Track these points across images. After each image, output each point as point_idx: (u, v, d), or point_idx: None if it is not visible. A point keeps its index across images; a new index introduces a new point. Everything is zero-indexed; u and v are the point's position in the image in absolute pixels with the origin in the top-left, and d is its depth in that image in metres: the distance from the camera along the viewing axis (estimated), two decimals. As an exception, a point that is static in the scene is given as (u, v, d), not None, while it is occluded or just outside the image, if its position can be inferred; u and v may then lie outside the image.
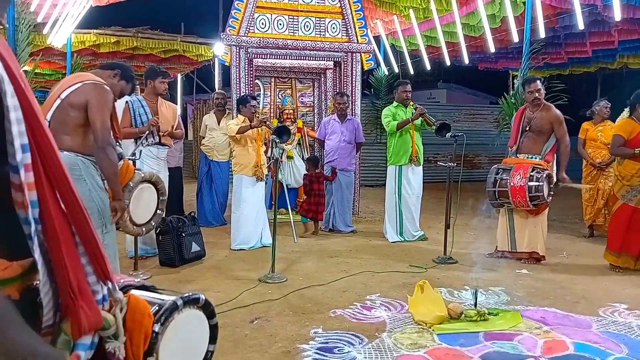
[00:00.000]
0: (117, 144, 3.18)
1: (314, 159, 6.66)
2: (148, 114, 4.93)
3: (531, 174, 4.84)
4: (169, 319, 1.17)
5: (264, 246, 5.56)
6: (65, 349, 0.96)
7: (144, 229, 3.58)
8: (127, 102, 5.01)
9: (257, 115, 5.59)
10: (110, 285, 1.07)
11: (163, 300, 1.20)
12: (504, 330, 3.31)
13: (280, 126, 5.21)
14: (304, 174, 6.51)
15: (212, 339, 1.36)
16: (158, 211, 3.64)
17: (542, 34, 7.71)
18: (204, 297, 1.29)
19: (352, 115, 7.01)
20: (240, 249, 5.49)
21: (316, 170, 6.45)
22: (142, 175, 3.41)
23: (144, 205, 3.52)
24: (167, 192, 3.74)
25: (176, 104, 6.20)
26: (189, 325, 1.25)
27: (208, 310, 1.31)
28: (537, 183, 4.80)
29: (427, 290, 3.64)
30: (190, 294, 1.26)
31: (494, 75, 14.48)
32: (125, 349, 1.08)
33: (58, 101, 2.96)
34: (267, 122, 5.51)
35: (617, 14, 6.84)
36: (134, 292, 1.17)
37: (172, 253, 4.80)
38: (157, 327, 1.14)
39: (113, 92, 3.18)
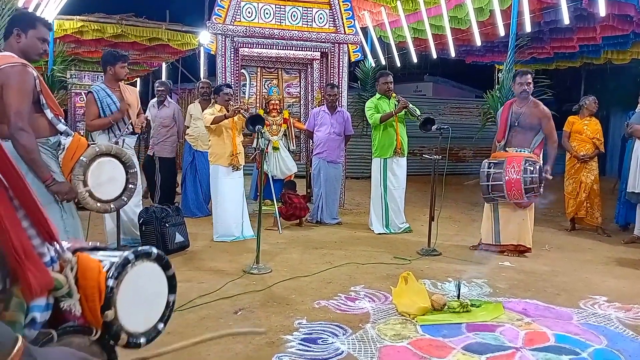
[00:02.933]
0: (59, 120, 2.94)
1: (292, 185, 6.49)
2: (116, 103, 4.64)
3: (525, 166, 4.86)
4: (122, 273, 1.20)
5: (246, 238, 5.52)
6: (19, 312, 0.98)
7: (112, 205, 3.26)
8: (90, 92, 4.69)
9: (231, 103, 5.47)
10: (57, 246, 1.10)
11: (115, 257, 1.23)
12: (486, 321, 3.34)
13: (254, 115, 5.01)
14: (282, 193, 6.30)
15: (172, 289, 1.39)
16: (130, 185, 3.37)
17: (527, 28, 7.74)
18: (155, 250, 1.31)
19: (340, 107, 6.98)
20: (223, 241, 5.44)
21: (295, 192, 6.34)
22: (97, 149, 3.11)
23: (108, 179, 3.24)
24: (135, 166, 3.42)
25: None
26: (146, 277, 1.28)
27: (162, 262, 1.34)
28: (532, 175, 4.83)
29: (411, 282, 3.67)
30: (141, 248, 1.29)
31: (479, 69, 14.52)
32: (81, 306, 1.12)
33: None
34: (241, 111, 5.36)
35: (602, 10, 6.89)
36: (84, 253, 1.20)
37: (155, 243, 4.74)
38: (110, 282, 1.17)
39: (27, 52, 2.92)
